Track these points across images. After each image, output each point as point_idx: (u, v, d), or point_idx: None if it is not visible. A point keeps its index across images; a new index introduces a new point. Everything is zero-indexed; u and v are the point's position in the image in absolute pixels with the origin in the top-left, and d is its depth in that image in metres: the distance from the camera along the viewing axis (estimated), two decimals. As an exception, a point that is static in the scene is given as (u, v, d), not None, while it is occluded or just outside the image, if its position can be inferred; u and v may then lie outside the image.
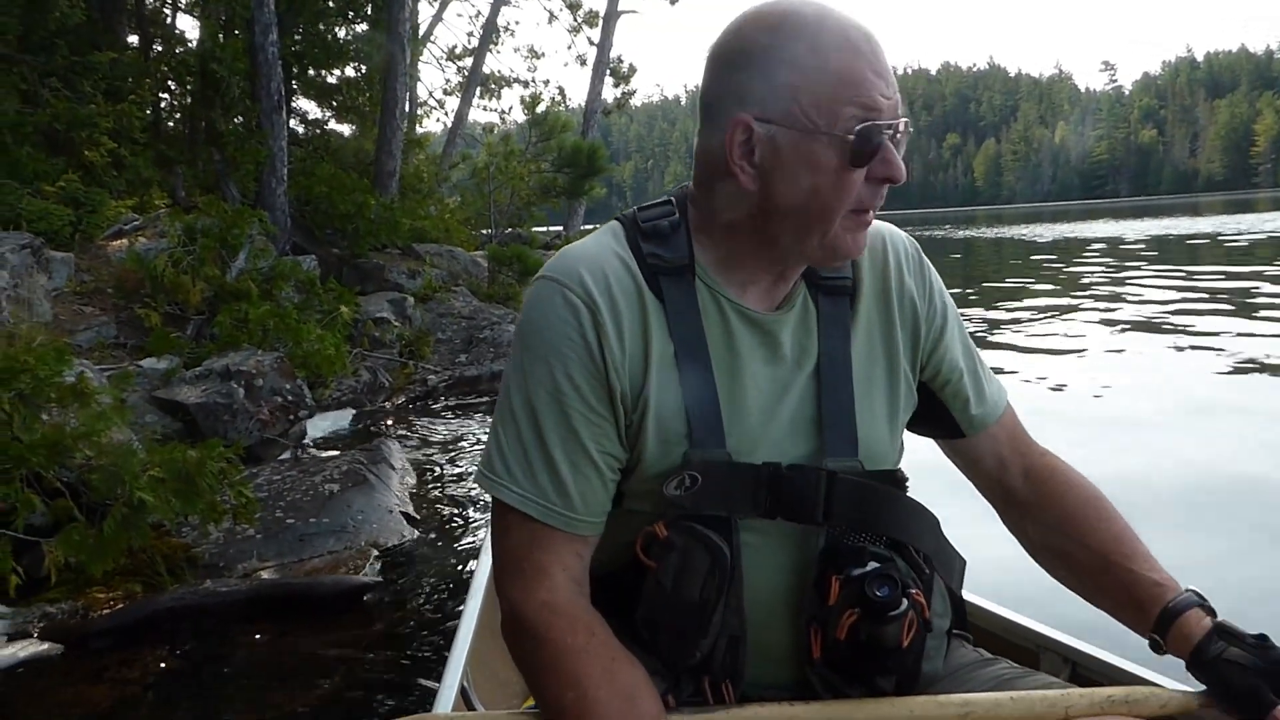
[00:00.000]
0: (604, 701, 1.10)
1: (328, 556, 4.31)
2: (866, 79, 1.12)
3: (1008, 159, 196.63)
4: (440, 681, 1.75)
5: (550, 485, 1.19)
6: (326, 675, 3.29)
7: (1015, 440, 1.43)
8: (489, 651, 1.98)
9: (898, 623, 1.14)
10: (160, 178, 11.03)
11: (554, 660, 1.14)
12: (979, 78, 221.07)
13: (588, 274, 1.20)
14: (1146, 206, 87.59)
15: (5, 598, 3.57)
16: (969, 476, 1.48)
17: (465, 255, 13.70)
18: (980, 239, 41.33)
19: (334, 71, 15.55)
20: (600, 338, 1.18)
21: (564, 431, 1.19)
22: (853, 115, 1.12)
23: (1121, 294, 14.05)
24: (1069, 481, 1.40)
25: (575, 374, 1.18)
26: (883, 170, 1.16)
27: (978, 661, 1.39)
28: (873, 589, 1.13)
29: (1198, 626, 1.22)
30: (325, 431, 7.28)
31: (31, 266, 6.99)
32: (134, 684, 3.28)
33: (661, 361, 1.20)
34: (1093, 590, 1.35)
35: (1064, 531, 1.37)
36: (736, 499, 1.19)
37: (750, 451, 1.21)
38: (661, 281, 1.22)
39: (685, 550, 1.17)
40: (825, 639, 1.18)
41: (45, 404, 3.89)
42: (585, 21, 22.49)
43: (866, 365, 1.29)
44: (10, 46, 9.06)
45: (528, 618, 1.17)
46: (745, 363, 1.23)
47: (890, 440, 1.31)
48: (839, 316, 1.29)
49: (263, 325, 7.19)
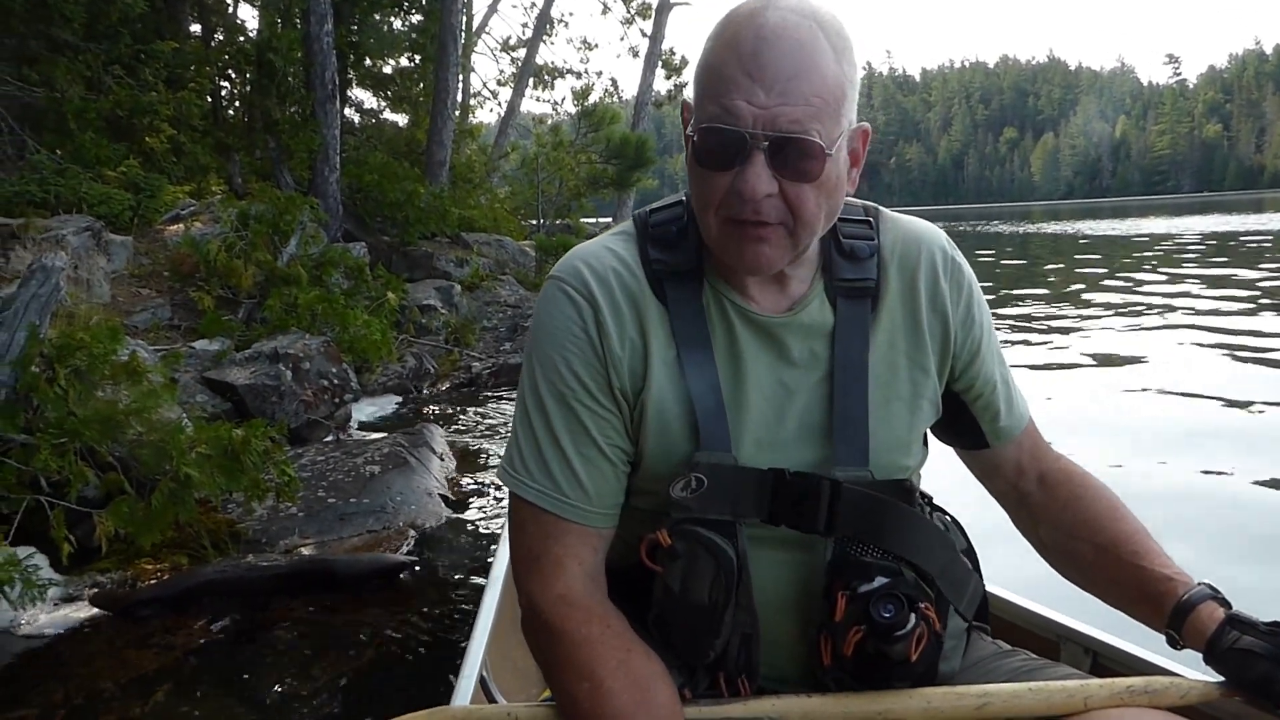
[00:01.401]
0: (619, 692, 1.10)
1: (366, 535, 4.43)
2: (732, 79, 1.08)
3: (1065, 154, 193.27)
4: (459, 672, 1.77)
5: (564, 479, 1.20)
6: (361, 649, 3.39)
7: (1034, 447, 1.42)
8: (507, 642, 1.99)
9: (904, 641, 1.12)
10: (218, 165, 11.30)
11: (569, 652, 1.14)
12: (1038, 71, 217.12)
13: (590, 273, 1.23)
14: (1209, 202, 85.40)
15: (59, 566, 3.72)
16: (984, 481, 1.47)
17: (513, 244, 13.84)
18: (1042, 235, 40.65)
19: (389, 62, 15.78)
20: (601, 334, 1.20)
21: (573, 425, 1.21)
22: (710, 114, 1.10)
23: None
24: (1083, 484, 1.39)
25: (579, 369, 1.20)
26: (737, 183, 1.11)
27: (996, 653, 1.38)
28: (878, 609, 1.11)
29: (1211, 618, 1.20)
30: (370, 416, 7.45)
31: (92, 249, 7.22)
32: (178, 650, 3.42)
33: (663, 363, 1.21)
34: (1106, 588, 1.34)
35: (1076, 533, 1.35)
36: (741, 503, 1.18)
37: (757, 455, 1.20)
38: (666, 285, 1.23)
39: (689, 556, 1.16)
40: (834, 649, 1.16)
41: (99, 381, 4.04)
42: (638, 13, 22.55)
43: (886, 372, 1.25)
44: (76, 35, 9.31)
45: (544, 611, 1.18)
46: (748, 365, 1.22)
47: (907, 450, 1.27)
48: (858, 321, 1.25)
49: (311, 310, 7.35)
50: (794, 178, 1.10)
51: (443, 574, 4.11)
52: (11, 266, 6.60)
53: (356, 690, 3.11)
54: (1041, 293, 15.25)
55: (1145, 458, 5.35)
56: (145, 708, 3.02)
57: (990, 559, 1.48)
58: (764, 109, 1.07)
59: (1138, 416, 6.56)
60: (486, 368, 9.01)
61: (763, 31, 1.08)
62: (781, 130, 1.08)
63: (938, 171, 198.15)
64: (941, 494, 1.45)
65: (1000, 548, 1.51)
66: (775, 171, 1.10)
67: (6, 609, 3.52)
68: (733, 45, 1.09)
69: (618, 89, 25.13)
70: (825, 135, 1.09)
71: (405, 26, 15.46)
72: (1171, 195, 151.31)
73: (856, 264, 1.27)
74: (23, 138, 8.84)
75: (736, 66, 1.08)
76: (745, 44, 1.08)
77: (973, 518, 1.46)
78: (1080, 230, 40.79)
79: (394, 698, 3.06)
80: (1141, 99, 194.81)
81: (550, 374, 1.21)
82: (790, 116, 1.07)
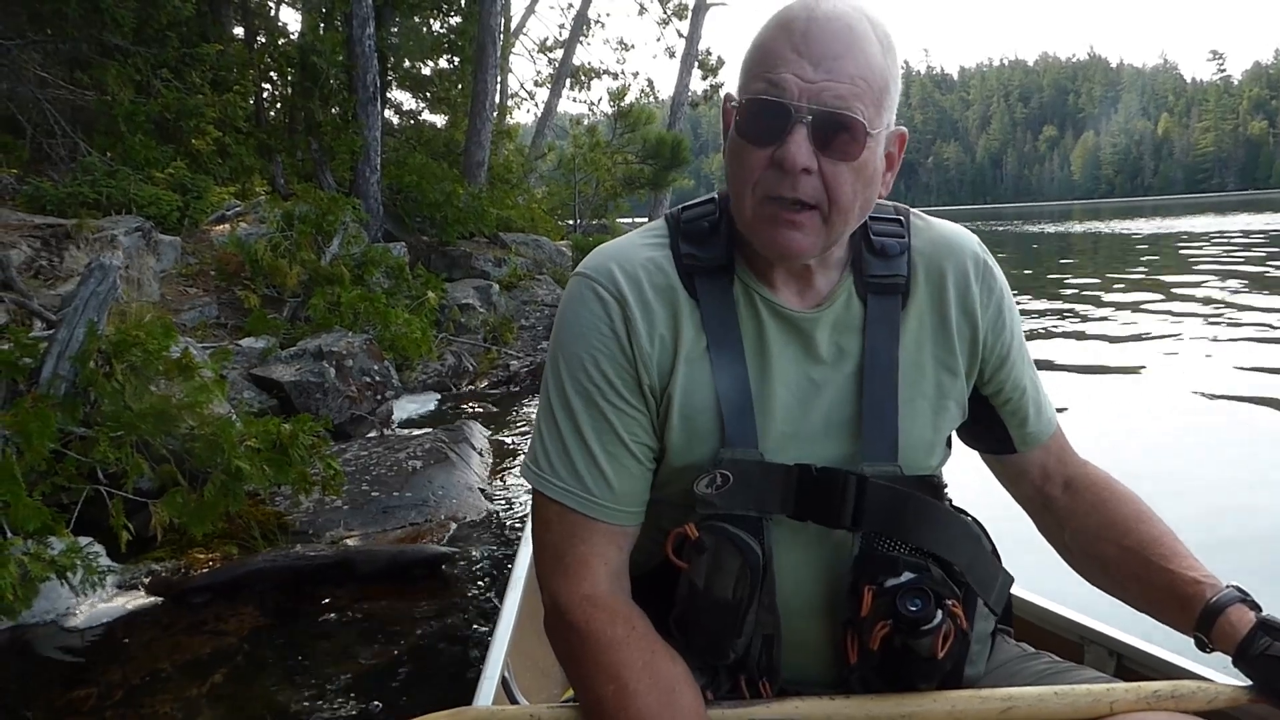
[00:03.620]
0: (643, 694, 1.10)
1: (409, 528, 4.55)
2: (781, 55, 1.11)
3: (1106, 152, 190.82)
4: (481, 672, 1.76)
5: (589, 476, 1.20)
6: (403, 638, 3.50)
7: (1061, 453, 1.42)
8: (529, 643, 2.00)
9: (931, 636, 1.11)
10: (261, 166, 11.50)
11: (594, 653, 1.14)
12: (1078, 68, 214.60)
13: (619, 270, 1.23)
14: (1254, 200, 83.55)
15: (117, 554, 3.86)
16: (1009, 486, 1.46)
17: (550, 244, 13.97)
18: (1084, 234, 40.15)
19: (428, 63, 15.95)
20: (629, 330, 1.20)
21: (599, 423, 1.21)
22: (757, 89, 1.12)
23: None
24: (1109, 489, 1.38)
25: (605, 366, 1.20)
26: (778, 154, 1.12)
27: (1021, 656, 1.38)
28: (905, 604, 1.11)
29: (1241, 622, 1.17)
30: (411, 413, 7.58)
31: (142, 248, 7.42)
32: (229, 635, 3.55)
33: (691, 358, 1.21)
34: (1134, 593, 1.32)
35: (1103, 536, 1.34)
36: (767, 499, 1.18)
37: (783, 450, 1.20)
38: (697, 281, 1.23)
39: (716, 550, 1.16)
40: (861, 646, 1.16)
41: (153, 376, 4.18)
42: (674, 14, 22.65)
43: (914, 369, 1.25)
44: (126, 39, 9.54)
45: (570, 611, 1.17)
46: (775, 359, 1.22)
47: (930, 450, 1.27)
48: (888, 317, 1.25)
49: (354, 309, 7.50)
50: (835, 155, 1.12)
51: (482, 566, 4.21)
52: (66, 266, 6.80)
53: (396, 677, 3.21)
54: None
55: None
56: (202, 688, 3.14)
57: (1014, 564, 1.45)
58: (811, 83, 1.09)
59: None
60: (524, 366, 9.12)
61: (815, 13, 1.11)
62: (826, 105, 1.10)
63: (975, 170, 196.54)
64: (964, 498, 1.44)
65: (1025, 556, 1.49)
66: (816, 148, 1.11)
67: (66, 595, 3.67)
68: (785, 25, 1.12)
69: (653, 89, 25.18)
70: (868, 118, 1.11)
71: (443, 29, 15.64)
72: (1216, 194, 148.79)
73: (887, 261, 1.27)
74: (75, 140, 9.08)
75: (786, 43, 1.11)
76: (797, 23, 1.11)
77: (995, 522, 1.45)
78: (1132, 230, 39.50)
79: (433, 685, 3.17)
80: (1185, 96, 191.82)
81: (577, 372, 1.21)
82: (835, 93, 1.09)
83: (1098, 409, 6.65)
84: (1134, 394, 7.35)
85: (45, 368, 4.03)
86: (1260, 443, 5.67)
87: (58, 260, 6.84)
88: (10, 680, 3.30)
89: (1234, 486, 4.80)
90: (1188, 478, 4.92)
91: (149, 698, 3.09)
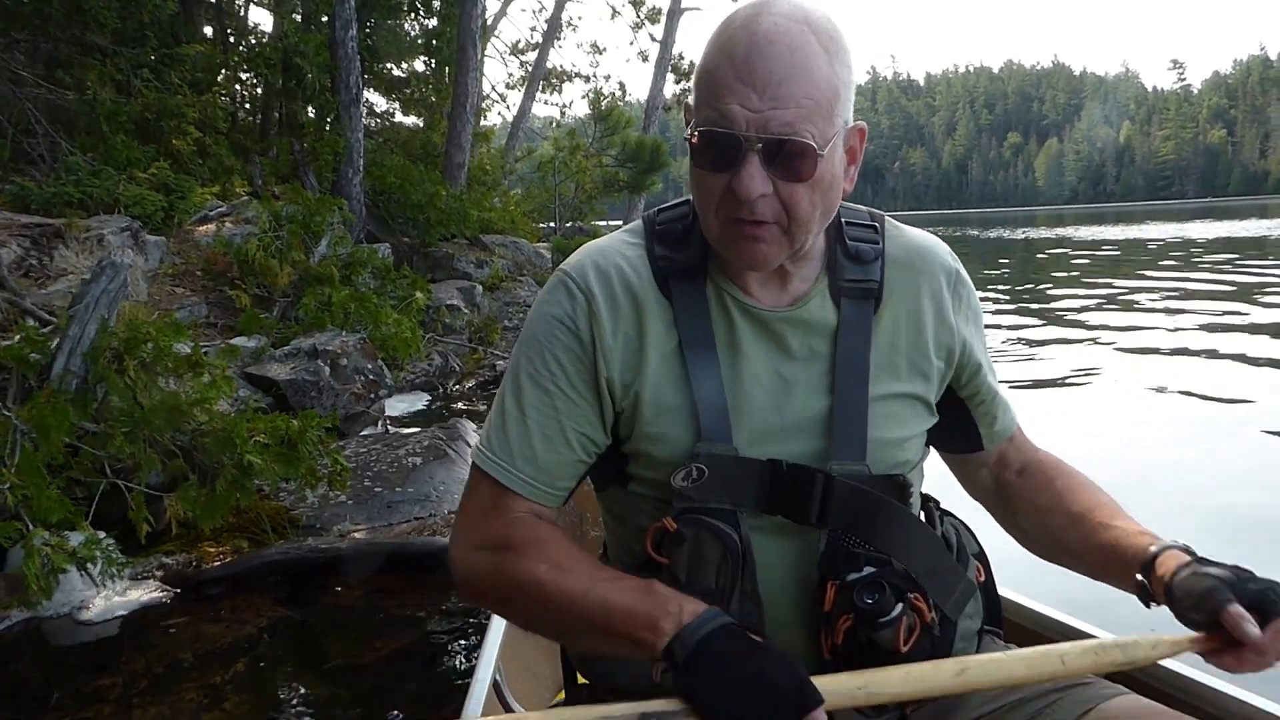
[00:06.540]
0: (582, 557, 1.19)
1: (413, 522, 4.62)
2: (727, 84, 1.12)
3: (1070, 159, 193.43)
4: (472, 677, 1.77)
5: (519, 453, 1.24)
6: (412, 626, 3.62)
7: (1020, 441, 1.47)
8: (521, 647, 2.01)
9: (891, 628, 1.13)
10: (239, 166, 11.48)
11: (519, 549, 1.20)
12: (1042, 76, 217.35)
13: (593, 268, 1.27)
14: (1212, 208, 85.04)
15: (128, 547, 3.91)
16: (967, 481, 1.50)
17: (529, 246, 14.05)
18: (1046, 240, 40.74)
19: (402, 65, 15.96)
20: (593, 325, 1.24)
21: (542, 405, 1.24)
22: (706, 117, 1.14)
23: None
24: (1058, 468, 1.43)
25: (560, 354, 1.24)
26: (733, 183, 1.14)
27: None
28: (861, 597, 1.14)
29: (1176, 563, 1.18)
30: (401, 412, 7.65)
31: (130, 248, 7.41)
32: (244, 625, 3.63)
33: (662, 356, 1.24)
34: (1082, 557, 1.34)
35: (1051, 508, 1.38)
36: (740, 493, 1.20)
37: (756, 446, 1.22)
38: (671, 282, 1.26)
39: (696, 541, 1.17)
40: (830, 640, 1.19)
41: (163, 372, 4.23)
42: (648, 18, 22.74)
43: (885, 371, 1.27)
44: (106, 38, 9.50)
45: (485, 542, 1.23)
46: (747, 357, 1.25)
47: (901, 447, 1.29)
48: (861, 319, 1.28)
49: (345, 308, 7.55)
50: (788, 178, 1.13)
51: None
52: (56, 265, 6.80)
53: (405, 664, 3.33)
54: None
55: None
56: (225, 675, 3.22)
57: (1006, 567, 1.49)
58: (757, 112, 1.10)
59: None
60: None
61: (755, 37, 1.11)
62: (774, 133, 1.11)
63: (941, 176, 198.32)
64: (953, 501, 1.48)
65: (1015, 557, 1.50)
66: (770, 172, 1.12)
67: (80, 588, 3.72)
68: (727, 51, 1.13)
69: (626, 93, 25.28)
70: (818, 136, 1.12)
71: (418, 30, 15.66)
72: (1176, 201, 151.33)
73: (861, 266, 1.30)
74: (55, 139, 9.03)
75: (730, 71, 1.11)
76: (739, 49, 1.11)
77: (987, 526, 1.48)
78: (1099, 236, 40.13)
79: (438, 672, 3.30)
80: (1146, 104, 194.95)
81: (533, 356, 1.26)
82: (782, 119, 1.10)
83: (1072, 408, 6.83)
84: (1096, 398, 7.56)
85: (56, 364, 4.07)
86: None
87: (47, 260, 6.84)
88: (34, 669, 3.35)
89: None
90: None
91: (174, 685, 3.17)
